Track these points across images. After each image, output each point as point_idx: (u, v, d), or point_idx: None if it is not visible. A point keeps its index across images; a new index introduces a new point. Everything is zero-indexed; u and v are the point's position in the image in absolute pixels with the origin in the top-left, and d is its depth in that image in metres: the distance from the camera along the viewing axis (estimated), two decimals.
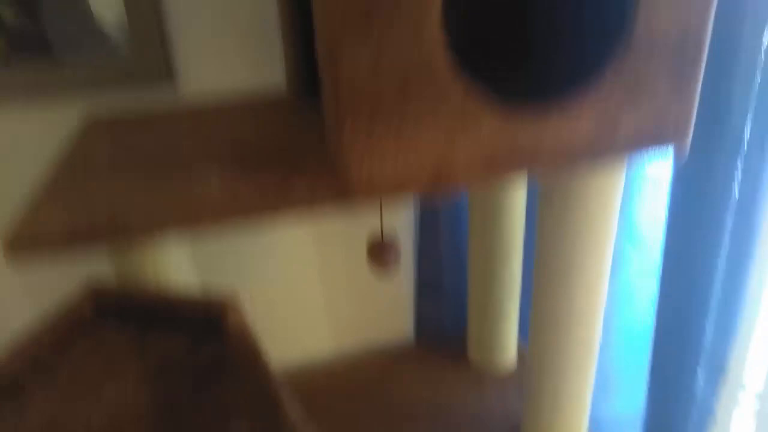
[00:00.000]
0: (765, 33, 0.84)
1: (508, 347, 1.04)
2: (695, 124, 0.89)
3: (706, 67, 0.81)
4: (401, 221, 1.05)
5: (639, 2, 0.50)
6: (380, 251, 0.75)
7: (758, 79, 0.87)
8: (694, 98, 0.55)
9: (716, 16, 0.80)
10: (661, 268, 1.06)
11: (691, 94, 0.55)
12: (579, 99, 0.52)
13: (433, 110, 0.49)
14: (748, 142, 0.89)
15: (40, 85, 0.79)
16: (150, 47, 0.80)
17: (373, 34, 0.45)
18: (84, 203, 0.50)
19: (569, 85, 0.53)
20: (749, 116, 0.88)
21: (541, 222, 0.68)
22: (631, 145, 0.56)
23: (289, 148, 0.62)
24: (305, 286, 1.07)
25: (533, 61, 0.57)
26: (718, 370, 1.11)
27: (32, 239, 0.45)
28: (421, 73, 0.47)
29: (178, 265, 0.73)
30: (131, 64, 0.81)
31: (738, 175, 0.91)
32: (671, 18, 0.51)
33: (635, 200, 0.98)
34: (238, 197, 0.51)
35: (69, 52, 0.79)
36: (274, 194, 0.51)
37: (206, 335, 0.62)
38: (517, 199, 0.89)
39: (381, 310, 1.13)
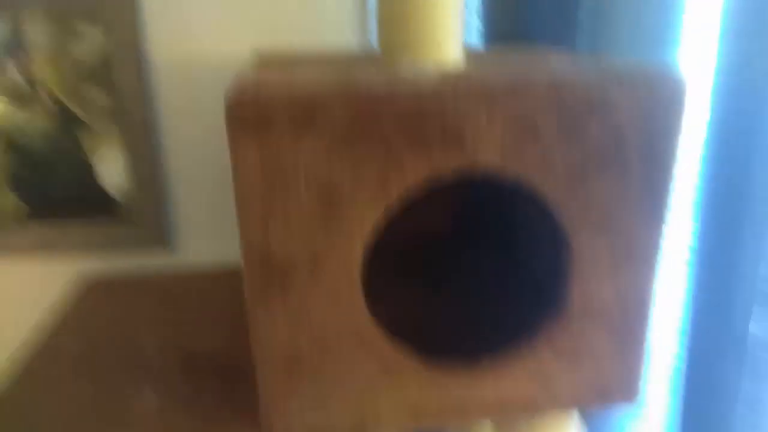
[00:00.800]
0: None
1: None
2: (700, 309, 0.84)
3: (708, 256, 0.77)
4: None
5: (572, 271, 0.49)
6: None
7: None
8: (640, 361, 0.52)
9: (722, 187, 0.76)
10: None
11: (636, 357, 0.52)
12: (510, 358, 0.51)
13: (355, 368, 0.49)
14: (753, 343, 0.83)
15: (43, 245, 0.85)
16: (149, 216, 0.85)
17: (290, 299, 0.46)
18: (26, 421, 0.53)
19: (499, 346, 0.51)
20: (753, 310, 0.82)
21: None
22: (571, 403, 0.53)
23: (239, 360, 0.63)
24: None
25: (460, 320, 0.56)
26: None
27: None
28: (341, 335, 0.48)
29: None
30: (130, 230, 0.86)
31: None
32: (608, 289, 0.49)
33: None
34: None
35: (73, 214, 0.85)
36: None
37: None
38: None
39: None
